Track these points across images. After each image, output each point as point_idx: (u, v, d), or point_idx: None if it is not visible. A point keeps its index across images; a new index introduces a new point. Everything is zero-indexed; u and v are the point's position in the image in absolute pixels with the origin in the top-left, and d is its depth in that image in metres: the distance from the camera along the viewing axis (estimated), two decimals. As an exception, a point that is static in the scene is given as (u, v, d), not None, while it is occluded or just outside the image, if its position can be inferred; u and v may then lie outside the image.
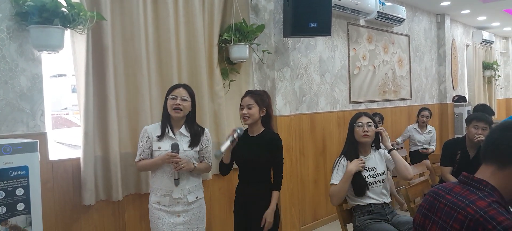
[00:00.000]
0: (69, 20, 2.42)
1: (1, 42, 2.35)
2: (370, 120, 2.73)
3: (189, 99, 2.46)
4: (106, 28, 2.72)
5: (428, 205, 1.44)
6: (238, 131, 2.46)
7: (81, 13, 2.47)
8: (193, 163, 2.47)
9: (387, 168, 2.78)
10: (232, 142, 2.43)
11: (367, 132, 2.68)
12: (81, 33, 2.55)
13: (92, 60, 2.66)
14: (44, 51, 2.46)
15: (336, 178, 2.67)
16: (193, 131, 2.50)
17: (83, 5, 2.53)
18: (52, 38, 2.38)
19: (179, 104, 2.41)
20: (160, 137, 2.45)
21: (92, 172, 2.66)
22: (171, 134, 2.46)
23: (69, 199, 2.65)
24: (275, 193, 2.53)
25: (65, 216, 2.63)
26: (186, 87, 2.50)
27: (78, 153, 2.71)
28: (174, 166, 2.37)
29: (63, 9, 2.40)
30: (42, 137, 2.48)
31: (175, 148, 2.37)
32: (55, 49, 2.44)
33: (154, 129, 2.49)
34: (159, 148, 2.43)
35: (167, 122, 2.47)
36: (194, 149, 2.48)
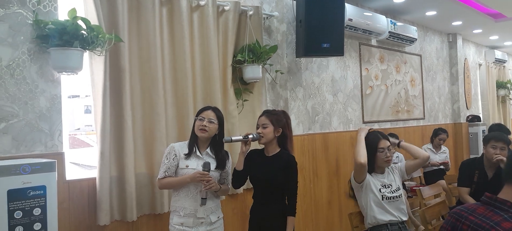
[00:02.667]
0: (88, 42, 2.48)
1: (22, 64, 2.41)
2: (389, 143, 2.72)
3: (216, 122, 2.48)
4: (123, 49, 2.77)
5: (451, 226, 1.42)
6: (254, 135, 2.48)
7: (100, 36, 2.52)
8: (218, 184, 2.48)
9: (402, 181, 2.84)
10: (244, 138, 2.47)
11: (388, 157, 2.68)
12: (99, 55, 2.60)
13: (109, 81, 2.70)
14: (63, 73, 2.52)
15: None
16: (220, 155, 2.51)
17: (102, 27, 2.59)
18: (72, 60, 2.43)
19: (205, 125, 2.43)
20: (188, 155, 2.46)
21: (107, 192, 2.66)
22: (198, 153, 2.47)
23: (84, 219, 2.66)
24: (290, 219, 2.48)
25: (80, 236, 2.64)
26: (215, 110, 2.52)
27: (92, 173, 2.73)
28: (205, 184, 2.35)
29: (83, 31, 2.46)
30: (60, 156, 2.51)
31: (206, 166, 2.37)
32: (74, 70, 2.49)
33: (181, 147, 2.50)
34: (187, 166, 2.43)
35: (194, 141, 2.49)
36: (218, 171, 2.50)
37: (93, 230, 2.68)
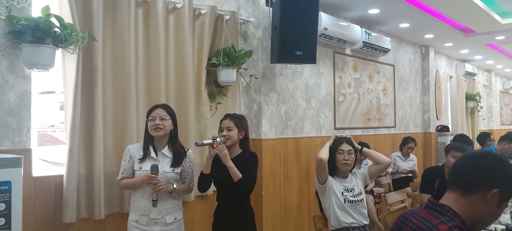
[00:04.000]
0: (61, 40, 2.49)
1: (-8, 59, 2.41)
2: (351, 148, 2.83)
3: (168, 118, 2.51)
4: (97, 48, 2.79)
5: (396, 228, 1.52)
6: (221, 138, 2.54)
7: (73, 34, 2.54)
8: (173, 184, 2.50)
9: (364, 186, 2.97)
10: (213, 141, 2.50)
11: (347, 160, 2.78)
12: (72, 53, 2.62)
13: (81, 79, 2.72)
14: (34, 69, 2.52)
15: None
16: (175, 151, 2.54)
17: (76, 25, 2.61)
18: (43, 56, 2.44)
19: (159, 124, 2.47)
20: (142, 158, 2.49)
21: (74, 189, 2.67)
22: (153, 154, 2.50)
23: (50, 216, 2.66)
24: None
25: (46, 233, 2.64)
26: (164, 107, 2.56)
27: (60, 170, 2.74)
28: (152, 187, 2.40)
29: (56, 29, 2.47)
30: (27, 153, 2.51)
31: (154, 169, 2.41)
32: (46, 67, 2.50)
33: (137, 148, 2.54)
34: (140, 168, 2.47)
35: (149, 142, 2.51)
36: (175, 171, 2.52)
37: (58, 228, 2.68)
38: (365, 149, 2.98)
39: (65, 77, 2.71)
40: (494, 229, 2.63)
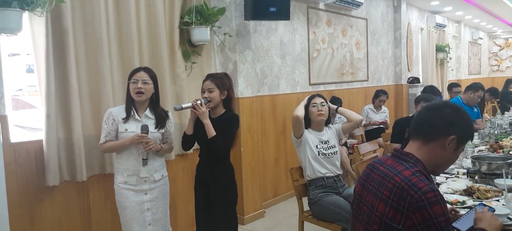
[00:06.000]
0: (27, 3, 2.41)
1: (-44, 25, 2.32)
2: (323, 100, 2.97)
3: (150, 82, 2.53)
4: (65, 11, 2.72)
5: (366, 176, 1.64)
6: (202, 100, 2.55)
7: (40, -4, 2.46)
8: (159, 144, 2.57)
9: (339, 140, 3.12)
10: (193, 104, 2.51)
11: (321, 111, 2.92)
12: (39, 16, 2.54)
13: (52, 43, 2.67)
14: (2, 34, 2.45)
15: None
16: (158, 114, 2.58)
17: (41, -13, 2.52)
18: (10, 20, 2.36)
19: (141, 87, 2.48)
20: (126, 119, 2.52)
21: (55, 153, 2.70)
22: (136, 116, 2.53)
23: (33, 181, 2.69)
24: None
25: (29, 197, 2.67)
26: (147, 70, 2.56)
27: (38, 135, 2.74)
28: (144, 146, 2.45)
29: (21, -9, 2.39)
30: (3, 119, 2.49)
31: (144, 129, 2.46)
32: (14, 31, 2.42)
33: (119, 111, 2.55)
34: (126, 129, 2.50)
35: (131, 104, 2.53)
36: (159, 131, 2.58)
37: (42, 191, 2.72)
38: (340, 108, 3.10)
39: (34, 42, 2.65)
40: (456, 173, 2.83)
